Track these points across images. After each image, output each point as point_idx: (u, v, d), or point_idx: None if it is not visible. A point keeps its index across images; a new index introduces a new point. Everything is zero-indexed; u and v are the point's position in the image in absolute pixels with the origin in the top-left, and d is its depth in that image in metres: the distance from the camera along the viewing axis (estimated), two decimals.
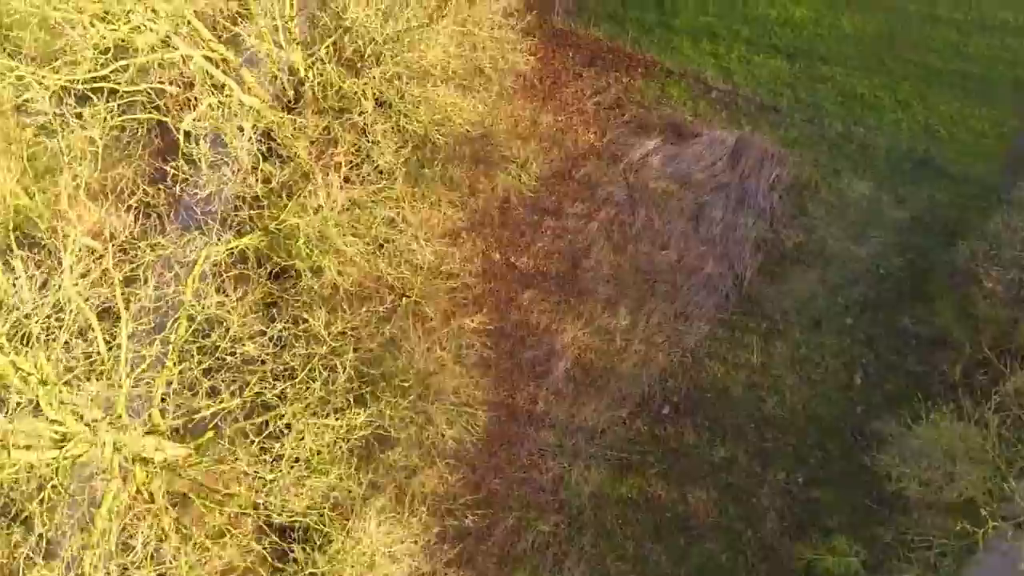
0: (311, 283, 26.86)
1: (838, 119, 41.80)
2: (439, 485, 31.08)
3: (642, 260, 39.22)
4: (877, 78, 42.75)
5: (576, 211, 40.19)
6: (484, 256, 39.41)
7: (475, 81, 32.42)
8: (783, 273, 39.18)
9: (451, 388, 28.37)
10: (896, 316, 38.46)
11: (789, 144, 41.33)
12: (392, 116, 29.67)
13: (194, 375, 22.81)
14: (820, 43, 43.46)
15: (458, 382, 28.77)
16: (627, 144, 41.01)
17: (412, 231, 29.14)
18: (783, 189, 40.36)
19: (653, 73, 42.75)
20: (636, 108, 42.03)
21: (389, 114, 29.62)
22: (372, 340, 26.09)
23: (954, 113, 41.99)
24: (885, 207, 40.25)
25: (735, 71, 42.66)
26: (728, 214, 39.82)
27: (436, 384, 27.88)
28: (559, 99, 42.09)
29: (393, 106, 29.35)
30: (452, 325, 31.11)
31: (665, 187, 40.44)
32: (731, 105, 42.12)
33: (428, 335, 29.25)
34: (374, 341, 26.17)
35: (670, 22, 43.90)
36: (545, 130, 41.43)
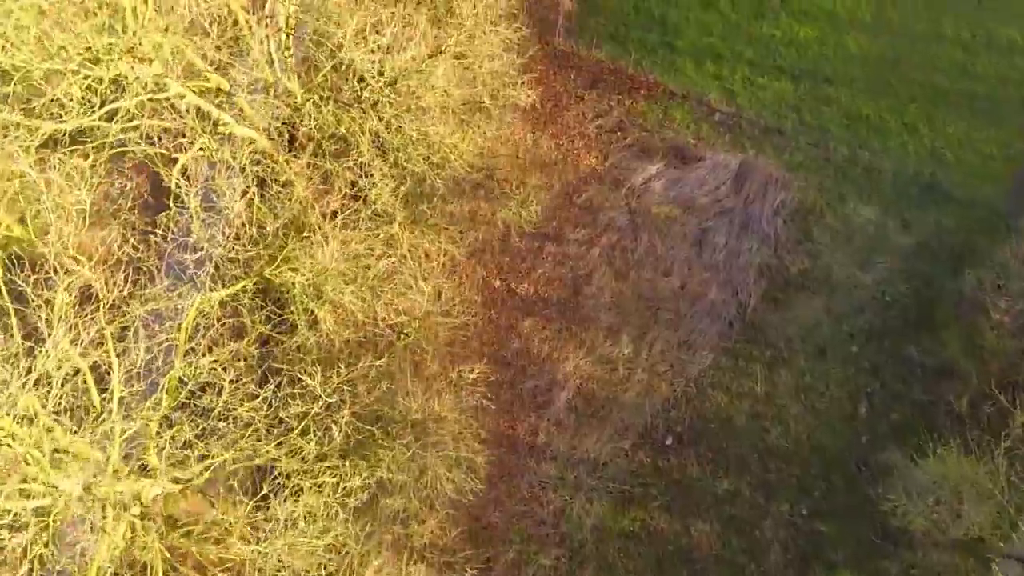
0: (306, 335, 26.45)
1: (843, 142, 41.31)
2: (439, 536, 30.67)
3: (644, 287, 38.80)
4: (883, 100, 42.27)
5: (578, 237, 39.80)
6: (484, 283, 39.09)
7: (475, 116, 31.90)
8: (787, 300, 38.76)
9: (450, 436, 27.93)
10: (902, 345, 38.07)
11: (794, 168, 40.86)
12: (389, 155, 29.20)
13: (186, 438, 22.42)
14: (825, 64, 42.94)
15: (457, 429, 28.33)
16: (629, 168, 40.57)
17: (410, 270, 28.63)
18: (787, 214, 39.93)
19: (655, 95, 42.29)
20: (638, 131, 41.57)
21: (386, 153, 29.14)
22: (370, 393, 25.66)
23: (961, 135, 41.52)
24: (891, 232, 39.80)
25: (739, 93, 42.18)
26: (732, 240, 39.35)
27: (434, 433, 27.47)
28: (560, 122, 41.63)
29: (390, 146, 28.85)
30: (451, 375, 30.60)
31: (668, 212, 40.01)
32: (735, 128, 41.66)
33: (427, 384, 28.80)
34: (372, 395, 25.74)
35: (673, 43, 43.44)
36: (546, 154, 41.03)
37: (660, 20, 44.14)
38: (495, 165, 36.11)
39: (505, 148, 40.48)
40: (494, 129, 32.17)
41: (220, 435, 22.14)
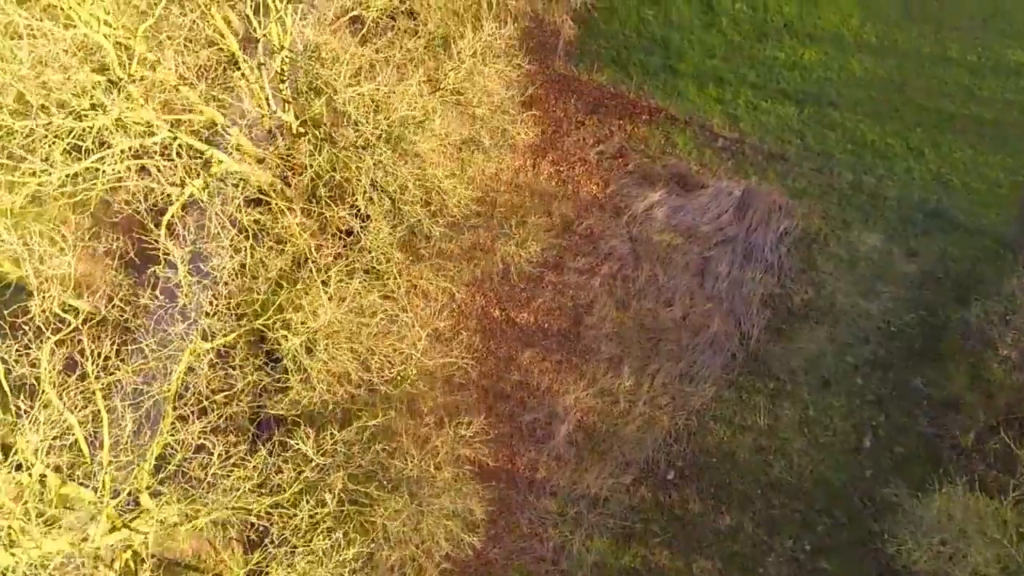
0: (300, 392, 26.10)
1: (848, 168, 40.88)
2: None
3: (646, 317, 38.45)
4: (888, 124, 41.84)
5: (578, 266, 39.47)
6: (483, 312, 38.76)
7: (473, 155, 31.52)
8: (791, 331, 38.39)
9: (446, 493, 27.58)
10: (907, 376, 37.78)
11: (797, 194, 40.47)
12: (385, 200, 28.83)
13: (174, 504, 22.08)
14: (830, 87, 42.51)
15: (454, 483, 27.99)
16: (630, 196, 40.20)
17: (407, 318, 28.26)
18: (791, 242, 39.55)
19: (657, 120, 41.88)
20: (640, 157, 41.18)
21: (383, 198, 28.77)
22: (364, 454, 25.30)
23: (967, 161, 41.09)
24: (896, 260, 39.45)
25: (742, 118, 41.75)
26: (735, 269, 38.94)
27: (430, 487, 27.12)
28: (561, 148, 41.27)
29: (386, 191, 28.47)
30: (449, 431, 30.23)
31: (670, 240, 39.60)
32: (738, 154, 41.24)
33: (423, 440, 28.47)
34: (366, 455, 25.38)
35: (675, 66, 42.99)
36: (546, 181, 40.69)
37: (662, 42, 43.65)
38: (494, 198, 35.67)
39: (505, 175, 40.03)
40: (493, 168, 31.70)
41: (208, 500, 21.75)
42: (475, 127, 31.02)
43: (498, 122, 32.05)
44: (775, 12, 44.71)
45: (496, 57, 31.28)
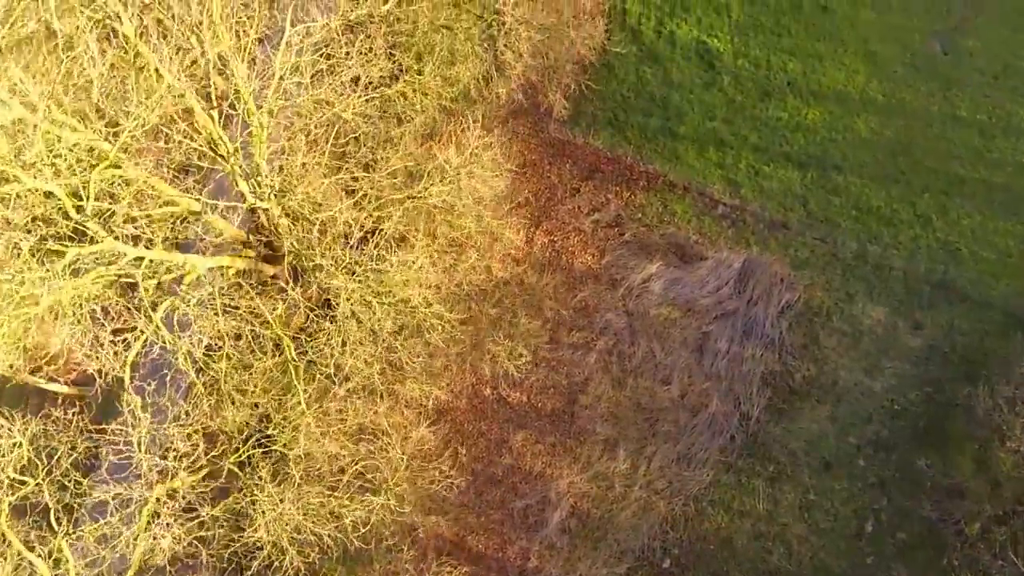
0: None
1: (852, 236, 41.39)
2: None
3: (643, 396, 39.07)
4: (895, 189, 42.28)
5: (573, 341, 40.08)
6: (474, 391, 39.28)
7: (460, 257, 32.08)
8: (792, 410, 39.01)
9: None
10: (911, 457, 38.51)
11: (800, 265, 41.02)
12: (366, 324, 29.43)
13: None
14: (834, 149, 42.99)
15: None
16: (627, 267, 40.83)
17: (387, 439, 28.88)
18: (793, 317, 40.13)
19: (655, 186, 42.43)
20: (637, 226, 41.71)
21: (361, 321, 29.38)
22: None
23: (976, 228, 41.59)
24: (901, 334, 40.02)
25: (743, 184, 42.24)
26: (734, 345, 39.49)
27: None
28: (555, 217, 41.90)
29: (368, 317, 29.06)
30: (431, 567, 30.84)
31: (667, 314, 40.20)
32: (738, 222, 41.76)
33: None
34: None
35: (675, 128, 43.50)
36: (540, 252, 41.18)
37: (661, 103, 44.12)
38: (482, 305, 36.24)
39: (497, 245, 40.46)
40: (481, 270, 32.31)
41: None
42: (464, 228, 31.50)
43: (486, 226, 32.55)
44: (778, 69, 45.08)
45: (483, 166, 31.75)
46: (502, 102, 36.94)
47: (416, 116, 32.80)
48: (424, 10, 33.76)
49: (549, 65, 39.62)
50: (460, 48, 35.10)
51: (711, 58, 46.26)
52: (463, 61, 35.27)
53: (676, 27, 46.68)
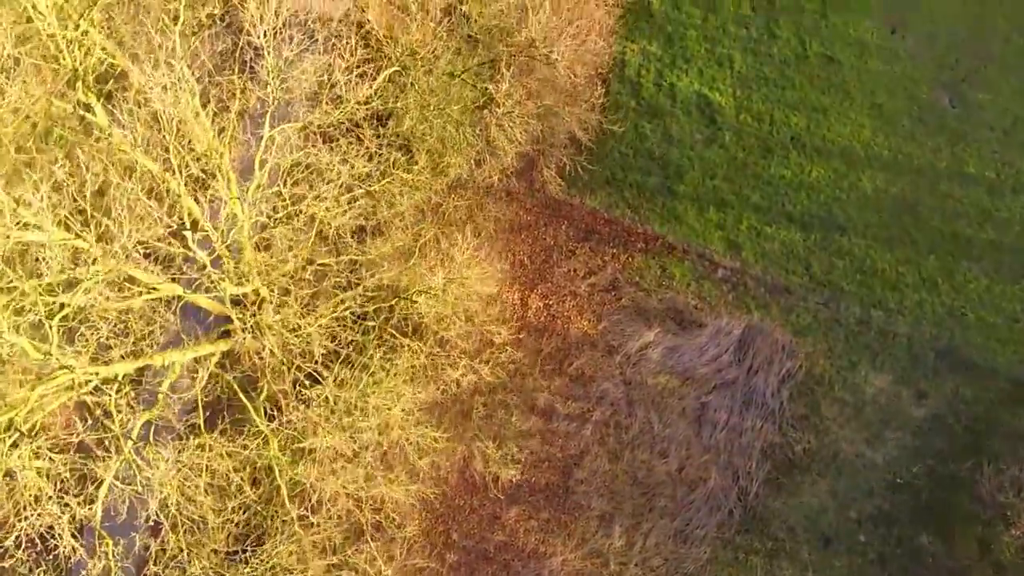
0: None
1: (856, 301, 42.22)
2: None
3: (639, 470, 39.98)
4: (900, 250, 43.13)
5: (569, 412, 40.96)
6: (465, 463, 40.06)
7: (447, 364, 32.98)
8: (791, 484, 39.87)
9: None
10: (912, 533, 39.58)
11: (801, 331, 41.87)
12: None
13: None
14: (838, 209, 43.78)
15: None
16: (624, 333, 41.63)
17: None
18: (794, 386, 41.08)
19: (654, 249, 43.24)
20: (634, 290, 42.56)
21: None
22: None
23: (983, 292, 42.40)
24: (904, 404, 40.96)
25: (744, 245, 43.00)
26: (734, 416, 40.45)
27: None
28: (551, 280, 42.75)
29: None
30: None
31: (665, 383, 41.04)
32: (739, 286, 42.54)
33: None
34: None
35: (674, 187, 44.29)
36: (534, 315, 41.85)
37: (660, 161, 45.00)
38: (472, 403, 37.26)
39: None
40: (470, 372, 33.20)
41: None
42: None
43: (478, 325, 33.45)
44: (782, 124, 45.81)
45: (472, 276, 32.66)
46: (494, 185, 37.58)
47: (398, 225, 33.41)
48: (412, 103, 34.44)
49: (543, 141, 40.23)
50: (451, 136, 35.74)
51: (712, 112, 46.91)
52: (454, 149, 35.93)
53: (676, 79, 47.33)
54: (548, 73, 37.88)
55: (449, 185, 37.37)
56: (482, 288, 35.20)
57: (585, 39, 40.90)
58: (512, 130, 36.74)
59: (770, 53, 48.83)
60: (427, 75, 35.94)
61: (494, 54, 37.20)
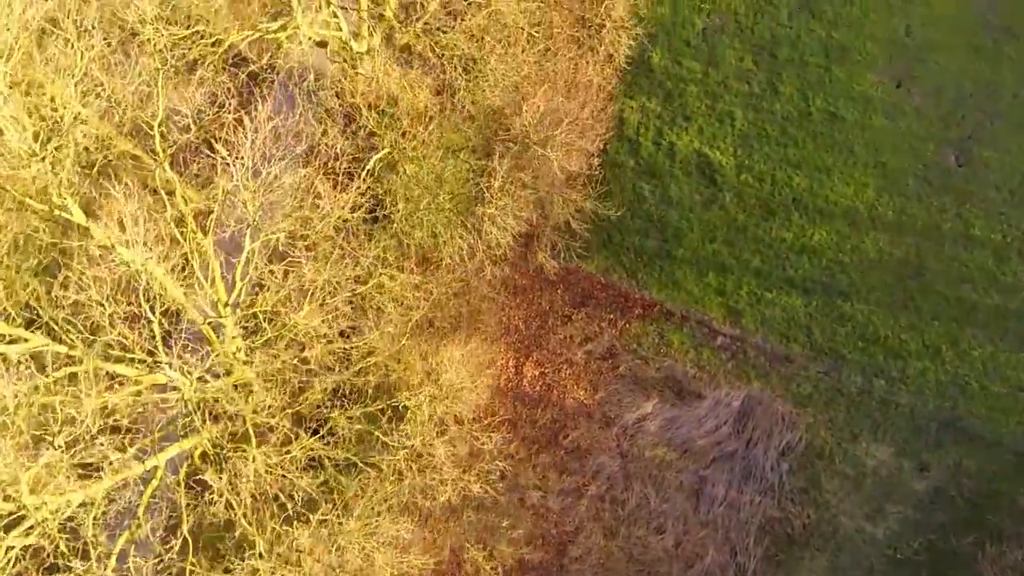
0: None
1: (858, 370, 43.28)
2: None
3: (636, 547, 41.22)
4: (903, 316, 44.27)
5: (564, 486, 42.16)
6: (456, 541, 40.97)
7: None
8: (790, 560, 41.27)
9: None
10: None
11: (802, 402, 43.01)
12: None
13: None
14: (840, 273, 44.85)
15: None
16: (621, 404, 42.90)
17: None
18: (794, 459, 42.33)
19: (652, 315, 44.37)
20: (632, 358, 43.64)
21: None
22: None
23: (987, 360, 43.52)
24: (905, 476, 42.19)
25: (744, 312, 44.09)
26: (732, 490, 41.51)
27: None
28: (546, 347, 43.84)
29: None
30: None
31: (663, 456, 42.15)
32: (738, 354, 43.62)
33: None
34: None
35: (672, 251, 45.39)
36: (529, 385, 42.82)
37: (659, 223, 46.06)
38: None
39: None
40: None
41: None
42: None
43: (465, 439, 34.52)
44: (783, 184, 46.83)
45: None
46: (488, 278, 38.50)
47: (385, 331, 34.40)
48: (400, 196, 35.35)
49: (537, 225, 41.18)
50: (442, 232, 36.65)
51: (712, 172, 47.90)
52: (445, 244, 36.85)
53: (676, 138, 48.30)
54: (543, 165, 38.67)
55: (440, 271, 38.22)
56: (473, 396, 36.08)
57: (581, 119, 41.67)
58: (505, 221, 37.62)
59: (772, 110, 49.68)
60: (417, 166, 36.82)
61: (487, 140, 37.97)
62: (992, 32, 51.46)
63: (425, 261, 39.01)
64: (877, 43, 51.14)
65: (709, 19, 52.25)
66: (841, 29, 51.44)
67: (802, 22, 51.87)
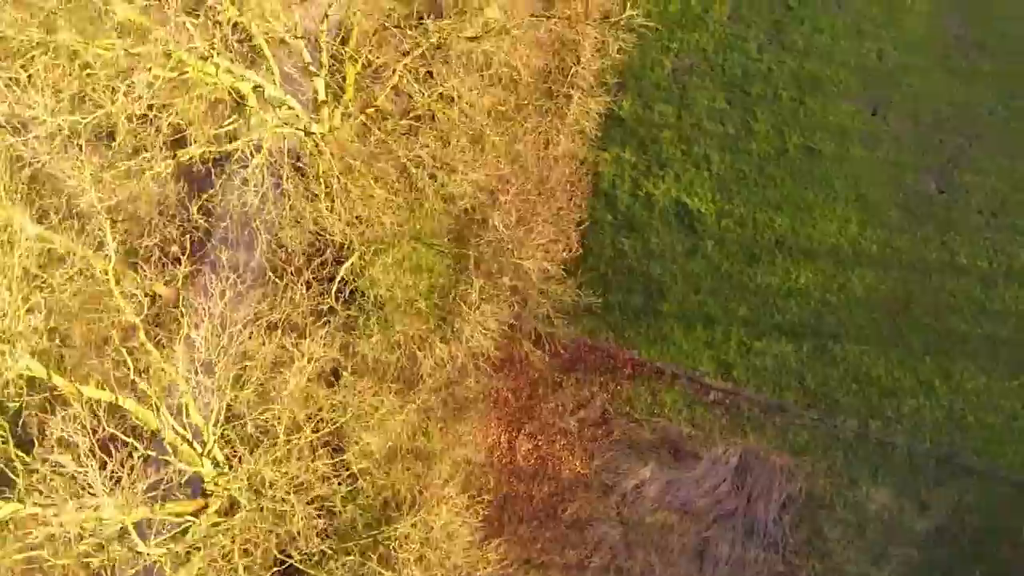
0: None
1: (852, 412, 45.40)
2: None
3: None
4: (895, 354, 46.27)
5: (566, 561, 43.79)
6: None
7: None
8: None
9: None
10: None
11: (799, 451, 45.07)
12: None
13: None
14: (829, 314, 46.99)
15: None
16: (618, 471, 44.92)
17: None
18: (795, 511, 44.27)
19: (642, 374, 46.38)
20: (625, 422, 45.58)
21: None
22: None
23: (980, 391, 45.77)
24: (907, 517, 44.40)
25: (734, 364, 46.02)
26: (736, 549, 43.64)
27: None
28: (538, 418, 45.75)
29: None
30: None
31: (664, 520, 44.19)
32: (732, 408, 45.63)
33: None
34: None
35: (658, 306, 47.25)
36: (523, 459, 44.56)
37: (642, 278, 48.09)
38: None
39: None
40: None
41: None
42: None
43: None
44: (765, 227, 48.55)
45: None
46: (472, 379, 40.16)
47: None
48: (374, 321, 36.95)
49: (519, 320, 42.76)
50: (420, 346, 38.24)
51: (692, 221, 49.61)
52: (427, 357, 38.43)
53: (653, 187, 49.97)
54: (521, 266, 40.13)
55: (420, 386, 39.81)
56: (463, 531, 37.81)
57: (555, 202, 43.00)
58: (487, 325, 39.17)
59: (748, 149, 51.34)
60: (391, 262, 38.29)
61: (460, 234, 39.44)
62: (964, 48, 53.14)
63: (403, 379, 40.56)
64: (850, 70, 52.78)
65: (678, 59, 53.81)
66: (812, 59, 53.04)
67: (772, 55, 53.46)
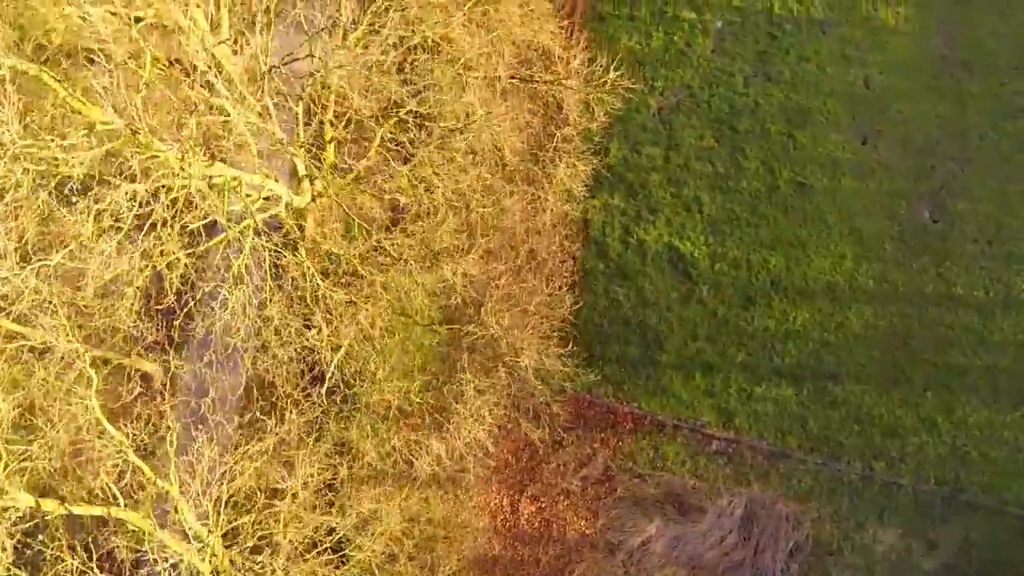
0: None
1: (856, 454, 47.10)
2: None
3: None
4: (896, 392, 47.84)
5: None
6: None
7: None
8: None
9: None
10: None
11: (803, 496, 46.75)
12: None
13: None
14: (828, 355, 48.43)
15: None
16: (624, 529, 46.56)
17: None
18: (803, 558, 45.59)
19: (643, 428, 47.94)
20: (628, 478, 47.09)
21: None
22: None
23: (983, 424, 47.38)
24: (915, 557, 46.12)
25: (735, 411, 47.66)
26: None
27: None
28: (540, 479, 47.38)
29: None
30: None
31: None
32: (735, 457, 47.17)
33: None
34: None
35: (655, 356, 48.60)
36: (527, 523, 45.98)
37: (638, 328, 49.35)
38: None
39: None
40: None
41: None
42: None
43: None
44: (760, 268, 49.80)
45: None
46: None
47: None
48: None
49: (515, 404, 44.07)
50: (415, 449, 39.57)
51: (686, 266, 50.90)
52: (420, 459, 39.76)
53: (644, 233, 51.12)
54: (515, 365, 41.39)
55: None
56: None
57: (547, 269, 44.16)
58: (483, 417, 40.46)
59: (739, 188, 52.48)
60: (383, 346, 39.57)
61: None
62: (951, 69, 54.15)
63: (400, 480, 41.92)
64: (838, 99, 53.80)
65: (663, 97, 54.76)
66: (800, 90, 54.06)
67: (759, 87, 54.44)
